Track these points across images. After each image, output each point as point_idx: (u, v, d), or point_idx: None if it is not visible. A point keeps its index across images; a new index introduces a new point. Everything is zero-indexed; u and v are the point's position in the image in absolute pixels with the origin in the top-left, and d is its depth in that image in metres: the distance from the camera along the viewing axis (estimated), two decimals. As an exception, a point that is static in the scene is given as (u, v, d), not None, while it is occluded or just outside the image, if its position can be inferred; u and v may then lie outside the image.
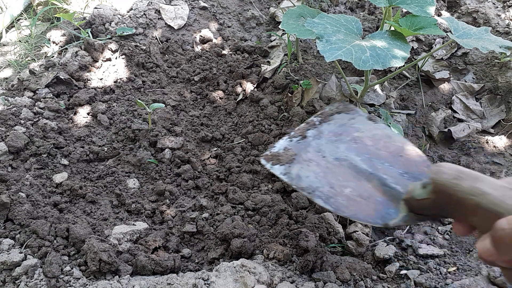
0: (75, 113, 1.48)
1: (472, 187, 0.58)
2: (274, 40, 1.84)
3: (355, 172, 0.82)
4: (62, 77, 1.52)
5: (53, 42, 1.74)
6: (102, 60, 1.65)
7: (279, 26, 1.45)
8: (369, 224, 0.78)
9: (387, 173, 0.80)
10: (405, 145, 0.88)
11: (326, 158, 0.86)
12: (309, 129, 0.97)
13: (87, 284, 0.93)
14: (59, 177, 1.24)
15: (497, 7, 1.83)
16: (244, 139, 1.46)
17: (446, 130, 1.49)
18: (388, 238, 1.18)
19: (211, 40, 1.83)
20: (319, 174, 0.83)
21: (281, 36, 1.79)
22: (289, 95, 1.52)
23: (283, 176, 0.85)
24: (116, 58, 1.66)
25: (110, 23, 1.77)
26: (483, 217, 0.57)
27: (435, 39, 1.76)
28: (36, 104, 1.45)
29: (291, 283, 0.96)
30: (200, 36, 1.82)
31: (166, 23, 1.82)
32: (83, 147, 1.36)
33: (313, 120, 1.00)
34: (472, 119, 1.56)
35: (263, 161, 0.93)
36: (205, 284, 0.93)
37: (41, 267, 0.96)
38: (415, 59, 1.63)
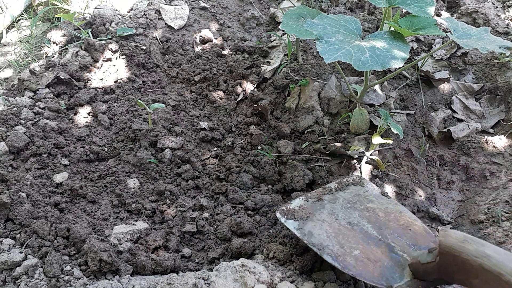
0: (75, 113, 1.48)
1: (477, 250, 0.65)
2: (274, 40, 1.84)
3: (365, 237, 0.89)
4: (63, 77, 1.52)
5: (54, 42, 1.75)
6: (103, 60, 1.65)
7: (279, 27, 1.45)
8: (374, 285, 0.83)
9: (395, 242, 0.88)
10: (414, 221, 0.99)
11: (339, 221, 0.94)
12: (325, 194, 1.06)
13: (87, 284, 0.94)
14: (59, 177, 1.24)
15: (496, 7, 1.83)
16: (244, 139, 1.47)
17: (445, 130, 1.49)
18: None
19: (211, 40, 1.83)
20: (331, 234, 0.89)
21: (281, 36, 1.79)
22: (287, 96, 1.52)
23: (296, 231, 0.93)
24: (116, 58, 1.66)
25: (111, 23, 1.77)
26: (484, 279, 0.64)
27: (434, 39, 1.76)
28: (37, 104, 1.45)
29: (291, 282, 0.96)
30: (200, 36, 1.82)
31: (166, 23, 1.82)
32: (83, 147, 1.36)
33: (330, 186, 1.09)
34: (472, 119, 1.56)
35: (278, 215, 1.01)
36: (205, 283, 0.93)
37: (42, 267, 0.96)
38: (415, 59, 1.63)
